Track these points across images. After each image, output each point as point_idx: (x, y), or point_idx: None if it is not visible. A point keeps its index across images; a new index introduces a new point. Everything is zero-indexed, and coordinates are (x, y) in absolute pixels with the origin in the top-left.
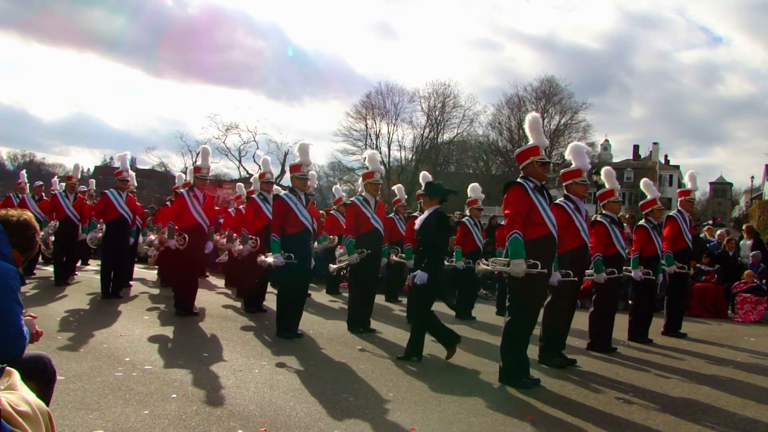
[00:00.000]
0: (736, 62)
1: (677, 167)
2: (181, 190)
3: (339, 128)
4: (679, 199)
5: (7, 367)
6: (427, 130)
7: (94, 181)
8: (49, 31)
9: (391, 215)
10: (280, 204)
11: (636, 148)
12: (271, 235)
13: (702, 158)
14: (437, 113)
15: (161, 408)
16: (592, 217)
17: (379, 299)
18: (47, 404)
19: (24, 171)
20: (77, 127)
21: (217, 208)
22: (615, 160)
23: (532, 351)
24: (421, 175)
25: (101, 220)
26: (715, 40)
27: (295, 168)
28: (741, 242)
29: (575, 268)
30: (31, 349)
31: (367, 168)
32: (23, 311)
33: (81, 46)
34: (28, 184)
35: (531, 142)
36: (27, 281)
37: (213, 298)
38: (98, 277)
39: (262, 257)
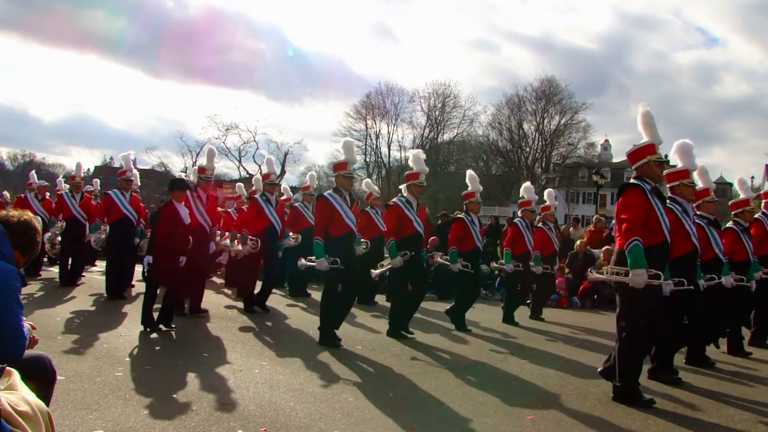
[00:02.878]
0: (732, 63)
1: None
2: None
3: (339, 128)
4: (763, 201)
5: (7, 367)
6: (427, 130)
7: (98, 180)
8: (49, 33)
9: (367, 209)
10: (325, 205)
11: None
12: (315, 238)
13: (700, 158)
14: (437, 113)
15: (161, 408)
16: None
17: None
18: (47, 404)
19: (33, 172)
20: (77, 127)
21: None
22: (615, 160)
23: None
24: (365, 182)
25: (105, 221)
26: (712, 41)
27: (340, 166)
28: None
29: (688, 276)
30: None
31: (411, 168)
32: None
33: (81, 47)
34: (37, 185)
35: (645, 139)
36: (32, 282)
37: (213, 299)
38: (103, 278)
39: (303, 261)
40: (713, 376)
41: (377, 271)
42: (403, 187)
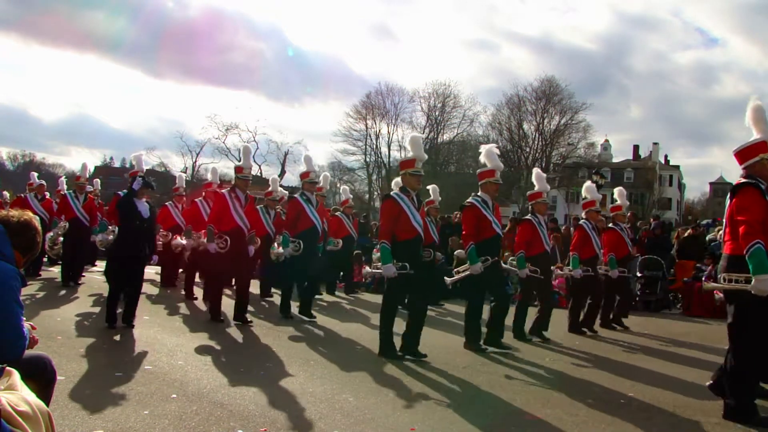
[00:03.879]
0: (731, 63)
1: (677, 167)
2: (223, 191)
3: (339, 128)
4: None
5: (7, 367)
6: (427, 130)
7: (99, 180)
8: (49, 33)
9: (337, 213)
10: (392, 205)
11: (636, 148)
12: (381, 241)
13: (699, 158)
14: (437, 113)
15: (161, 408)
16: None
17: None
18: (47, 404)
19: (34, 173)
20: (77, 127)
21: None
22: (615, 160)
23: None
24: (394, 182)
25: (112, 222)
26: (711, 41)
27: (407, 163)
28: None
29: None
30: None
31: (485, 165)
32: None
33: (81, 48)
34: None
35: (756, 136)
36: (32, 282)
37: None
38: (103, 278)
39: (368, 269)
40: None
41: (453, 279)
42: (396, 180)
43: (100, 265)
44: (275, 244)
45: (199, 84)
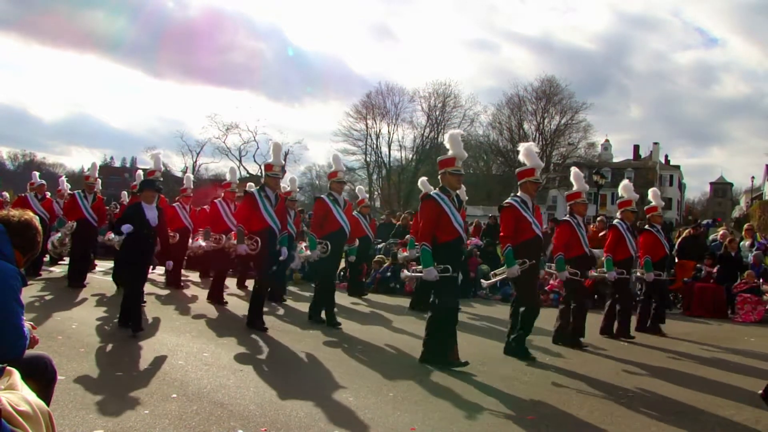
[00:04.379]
0: (731, 63)
1: (678, 167)
2: (252, 190)
3: (339, 128)
4: None
5: (8, 367)
6: (427, 130)
7: (99, 180)
8: (49, 33)
9: (354, 214)
10: (433, 206)
11: (636, 148)
12: (422, 243)
13: (699, 158)
14: (437, 113)
15: (161, 408)
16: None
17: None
18: (47, 404)
19: (36, 172)
20: (78, 127)
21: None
22: (615, 159)
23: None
24: (421, 180)
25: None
26: (711, 41)
27: (447, 162)
28: (741, 243)
29: None
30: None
31: (525, 164)
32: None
33: (81, 47)
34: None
35: None
36: (32, 282)
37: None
38: (104, 277)
39: (407, 272)
40: None
41: (489, 282)
42: (423, 179)
43: (101, 264)
44: (302, 246)
45: (200, 84)
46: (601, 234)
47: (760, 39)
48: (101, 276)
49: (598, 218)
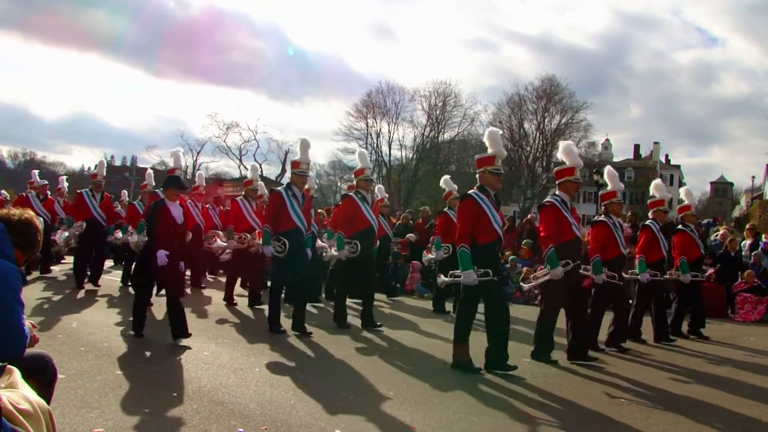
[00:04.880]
0: (731, 62)
1: (678, 167)
2: (278, 189)
3: (340, 127)
4: None
5: (8, 366)
6: (427, 129)
7: (64, 178)
8: (51, 32)
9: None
10: (473, 206)
11: (637, 147)
12: (460, 246)
13: (699, 158)
14: (438, 112)
15: (162, 406)
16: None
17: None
18: (48, 402)
19: (36, 171)
20: (78, 126)
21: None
22: (615, 159)
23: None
24: (444, 179)
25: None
26: (711, 40)
27: (486, 161)
28: (741, 242)
29: None
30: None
31: (564, 163)
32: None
33: (83, 47)
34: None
35: None
36: (35, 281)
37: (218, 297)
38: (106, 277)
39: (443, 277)
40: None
41: (530, 284)
42: (445, 177)
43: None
44: (328, 246)
45: (200, 83)
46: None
47: (760, 38)
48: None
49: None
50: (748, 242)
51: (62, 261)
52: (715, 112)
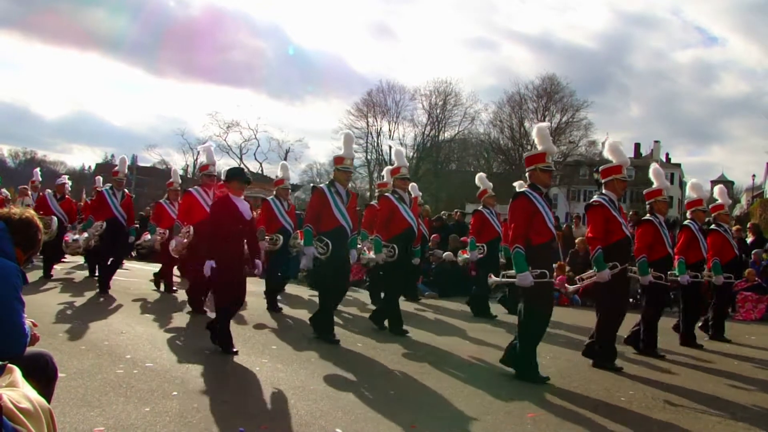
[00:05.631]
0: (731, 62)
1: (678, 165)
2: (321, 185)
3: (340, 126)
4: None
5: (9, 364)
6: (428, 128)
7: (101, 178)
8: (51, 31)
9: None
10: (526, 204)
11: (637, 146)
12: (515, 246)
13: (699, 157)
14: (438, 111)
15: (162, 405)
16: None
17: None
18: (49, 401)
19: (38, 169)
20: (79, 125)
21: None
22: None
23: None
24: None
25: (185, 223)
26: (711, 40)
27: (537, 158)
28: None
29: None
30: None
31: (611, 161)
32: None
33: (83, 46)
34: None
35: None
36: (53, 283)
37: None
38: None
39: (494, 278)
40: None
41: (575, 286)
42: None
43: (127, 265)
44: (365, 249)
45: (200, 82)
46: None
47: (760, 38)
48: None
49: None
50: (749, 240)
51: (63, 260)
52: (715, 111)
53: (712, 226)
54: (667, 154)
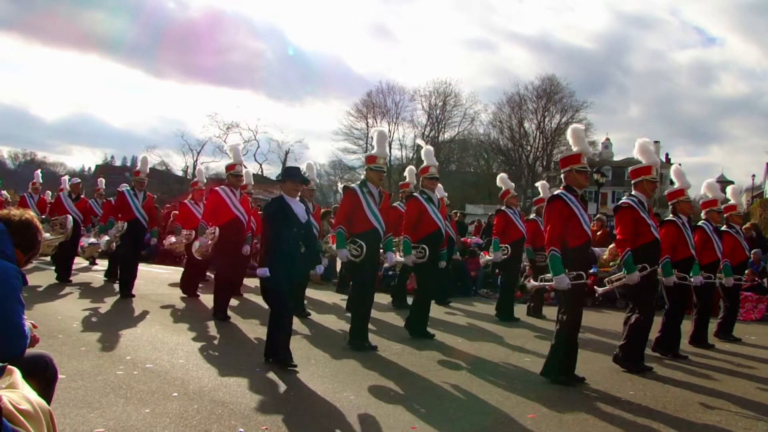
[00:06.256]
0: (730, 62)
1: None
2: (353, 186)
3: (340, 127)
4: None
5: (9, 366)
6: (428, 128)
7: (103, 180)
8: (51, 33)
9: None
10: (562, 207)
11: None
12: (551, 249)
13: (699, 157)
14: (438, 112)
15: (162, 406)
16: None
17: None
18: (48, 403)
19: (39, 171)
20: (79, 126)
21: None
22: (616, 158)
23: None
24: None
25: (210, 224)
26: (709, 40)
27: (572, 159)
28: None
29: None
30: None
31: (640, 161)
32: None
33: (83, 47)
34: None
35: None
36: (71, 288)
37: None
38: (100, 276)
39: (532, 281)
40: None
41: (604, 288)
42: (543, 183)
43: (101, 263)
44: (394, 252)
45: (200, 83)
46: (598, 233)
47: (759, 38)
48: (99, 274)
49: (596, 217)
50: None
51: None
52: (714, 111)
53: (723, 227)
54: (667, 155)
